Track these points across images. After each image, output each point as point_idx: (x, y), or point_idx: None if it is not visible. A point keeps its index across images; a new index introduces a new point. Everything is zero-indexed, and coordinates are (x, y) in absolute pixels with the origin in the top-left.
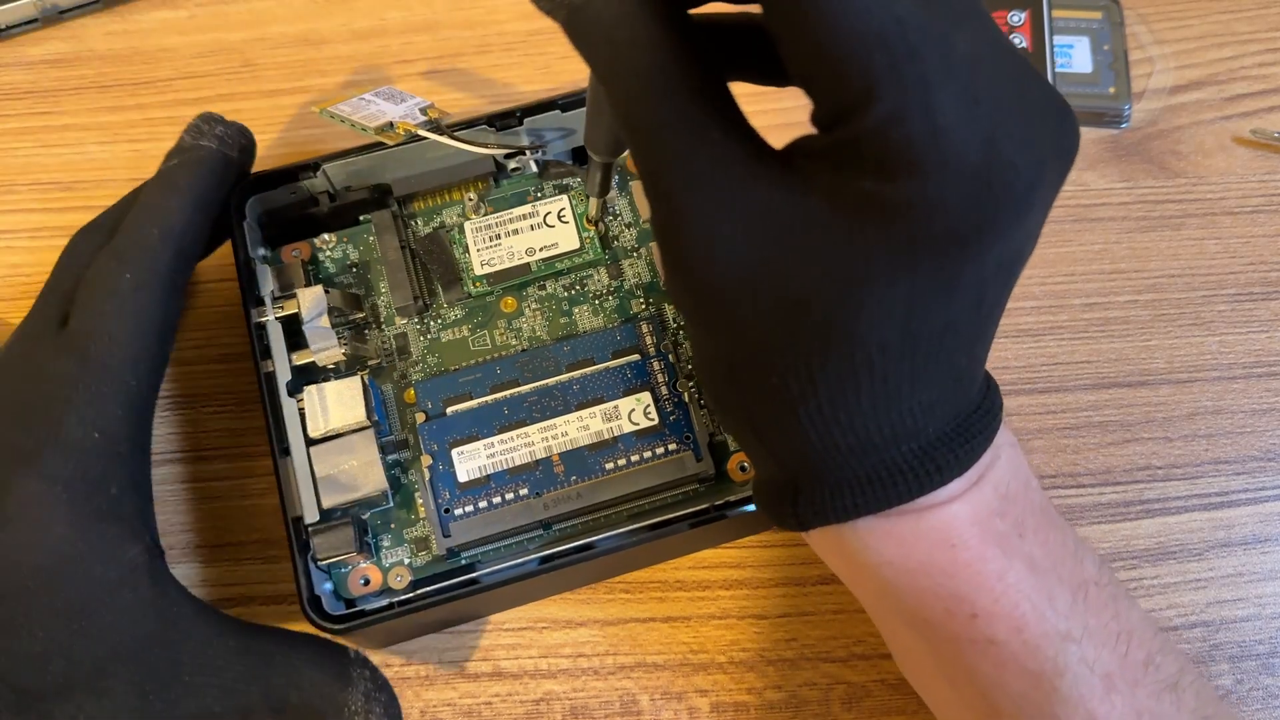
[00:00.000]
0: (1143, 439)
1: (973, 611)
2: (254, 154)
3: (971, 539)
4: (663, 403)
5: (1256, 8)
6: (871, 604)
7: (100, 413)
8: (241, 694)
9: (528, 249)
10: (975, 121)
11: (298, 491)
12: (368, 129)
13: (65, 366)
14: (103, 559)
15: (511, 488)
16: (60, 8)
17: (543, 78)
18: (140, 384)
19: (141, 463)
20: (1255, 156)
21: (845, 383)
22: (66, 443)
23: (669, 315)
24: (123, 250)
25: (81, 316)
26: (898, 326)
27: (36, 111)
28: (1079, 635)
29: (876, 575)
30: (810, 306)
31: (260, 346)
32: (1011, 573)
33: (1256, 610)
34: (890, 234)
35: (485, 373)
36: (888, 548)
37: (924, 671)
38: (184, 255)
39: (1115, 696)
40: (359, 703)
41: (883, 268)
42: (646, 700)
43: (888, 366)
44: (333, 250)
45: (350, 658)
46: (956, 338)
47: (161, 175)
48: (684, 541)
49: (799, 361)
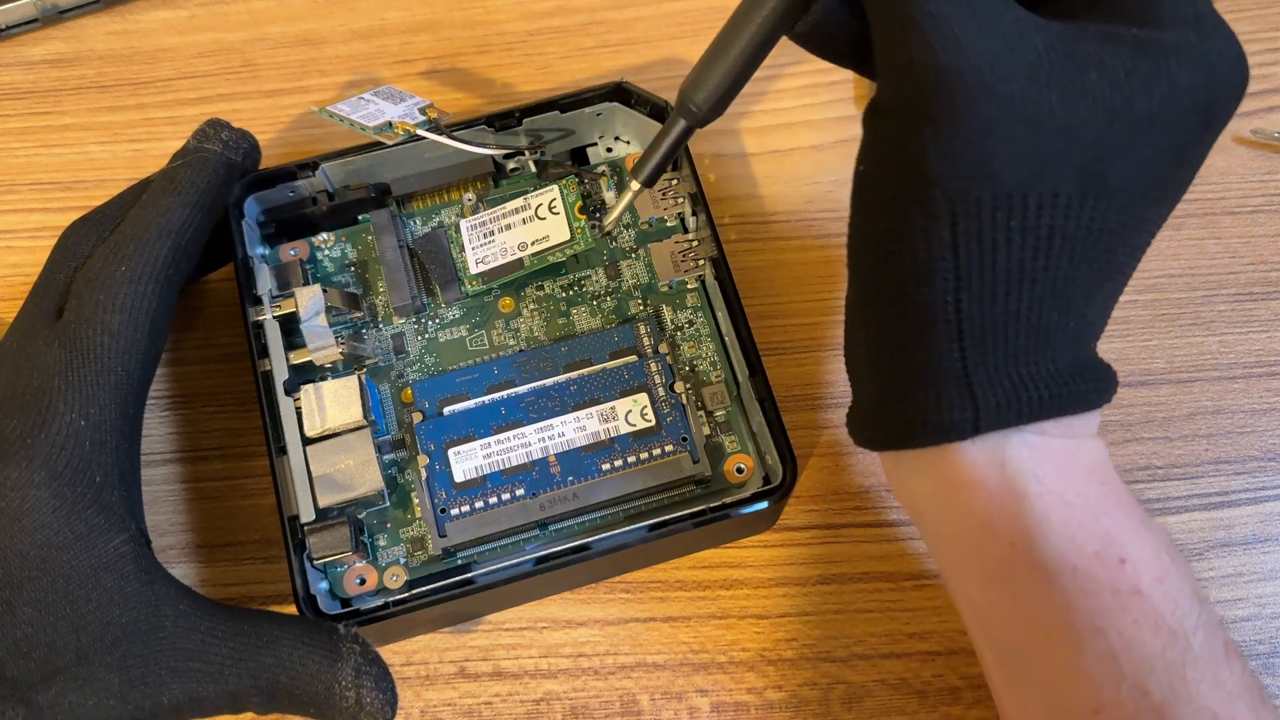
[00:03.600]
0: (1143, 439)
1: (1122, 556)
2: (258, 159)
3: (1115, 479)
4: (659, 404)
5: (1257, 8)
6: (978, 547)
7: (88, 402)
8: (230, 678)
9: (520, 244)
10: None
11: (294, 490)
12: (366, 128)
13: (57, 356)
14: (86, 546)
15: (508, 488)
16: (60, 8)
17: (543, 78)
18: (130, 375)
19: (129, 453)
20: (1255, 156)
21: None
22: (54, 431)
23: (666, 317)
24: (119, 245)
25: (75, 308)
26: (1137, 186)
27: (36, 111)
28: (1202, 596)
29: (1029, 507)
30: (1077, 134)
31: (258, 345)
32: (1152, 523)
33: (1256, 610)
34: (1159, 82)
35: (482, 373)
36: (1046, 470)
37: (1034, 633)
38: (181, 252)
39: (1234, 663)
40: (349, 677)
41: (1146, 113)
42: (646, 700)
43: (1113, 236)
44: (331, 249)
45: (340, 633)
46: (1145, 241)
47: (163, 175)
48: (684, 542)
49: (1046, 189)
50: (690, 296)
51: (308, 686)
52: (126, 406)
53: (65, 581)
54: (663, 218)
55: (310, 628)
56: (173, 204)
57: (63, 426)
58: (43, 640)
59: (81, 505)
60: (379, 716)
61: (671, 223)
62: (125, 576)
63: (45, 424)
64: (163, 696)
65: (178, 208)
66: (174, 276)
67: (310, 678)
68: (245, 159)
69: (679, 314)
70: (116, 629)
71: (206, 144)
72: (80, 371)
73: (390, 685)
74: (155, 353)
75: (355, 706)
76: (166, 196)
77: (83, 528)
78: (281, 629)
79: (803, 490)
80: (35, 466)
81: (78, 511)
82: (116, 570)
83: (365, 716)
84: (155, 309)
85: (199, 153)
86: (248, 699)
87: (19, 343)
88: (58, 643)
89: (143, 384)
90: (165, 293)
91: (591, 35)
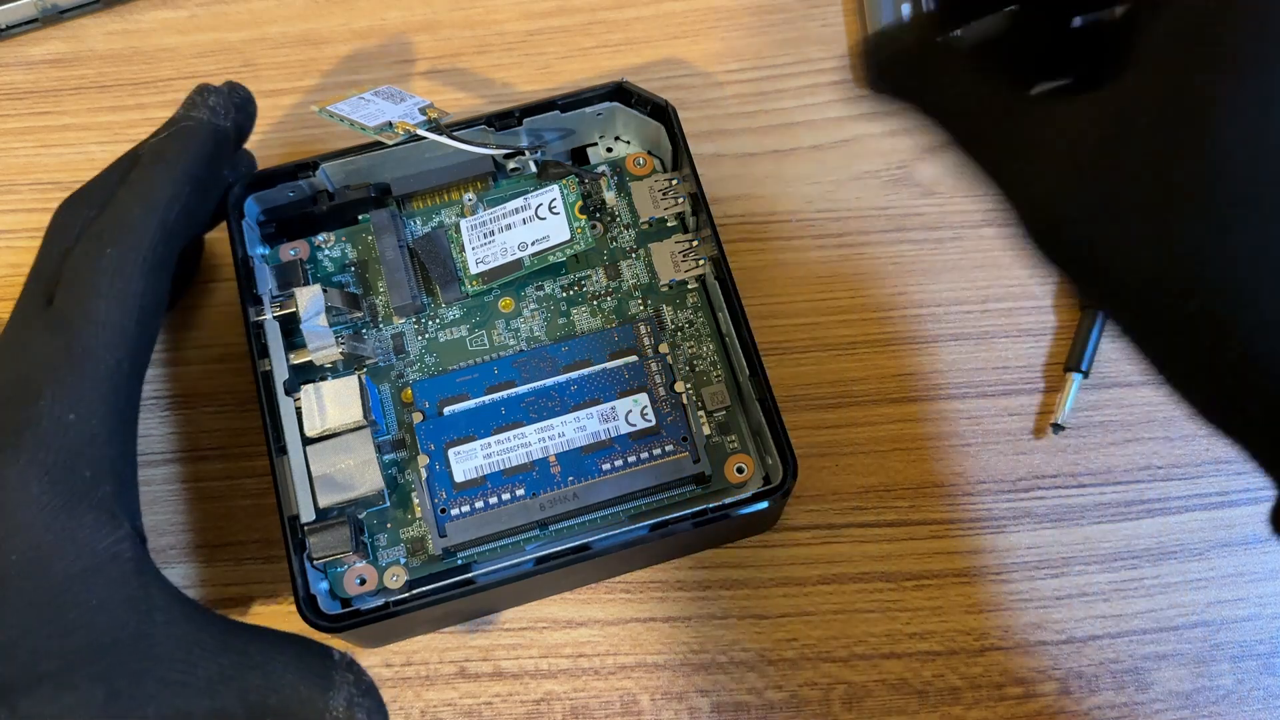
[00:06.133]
0: (1143, 439)
1: None
2: (252, 113)
3: None
4: (659, 404)
5: None
6: None
7: (77, 394)
8: (217, 694)
9: (520, 244)
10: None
11: (294, 490)
12: (367, 128)
13: (46, 346)
14: (77, 547)
15: (508, 488)
16: (60, 8)
17: (543, 78)
18: (121, 364)
19: (123, 446)
20: None
21: None
22: (42, 426)
23: (666, 317)
24: (105, 227)
25: (64, 295)
26: None
27: (36, 111)
28: None
29: None
30: None
31: (258, 345)
32: None
33: (1257, 610)
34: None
35: (483, 373)
36: None
37: None
38: (170, 231)
39: None
40: (341, 708)
41: None
42: (647, 700)
43: None
44: (331, 249)
45: (334, 660)
46: None
47: (149, 149)
48: (684, 542)
49: None
50: (690, 296)
51: (297, 713)
52: (118, 398)
53: (53, 583)
54: (663, 218)
55: (303, 650)
56: (158, 179)
57: (51, 420)
58: (28, 645)
59: (71, 502)
60: None
61: (671, 223)
62: (116, 580)
63: (32, 418)
64: (148, 709)
65: (164, 184)
66: (165, 257)
67: (300, 704)
68: (236, 122)
69: (679, 314)
70: (105, 635)
71: (193, 112)
72: (69, 362)
73: (384, 717)
74: (148, 339)
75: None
76: (152, 174)
77: (73, 526)
78: (276, 649)
79: (803, 490)
80: (24, 462)
81: (67, 509)
82: (107, 573)
83: None
84: (144, 293)
85: (184, 122)
86: (233, 717)
87: (14, 331)
88: (43, 648)
89: (135, 373)
90: (156, 275)
91: (591, 35)
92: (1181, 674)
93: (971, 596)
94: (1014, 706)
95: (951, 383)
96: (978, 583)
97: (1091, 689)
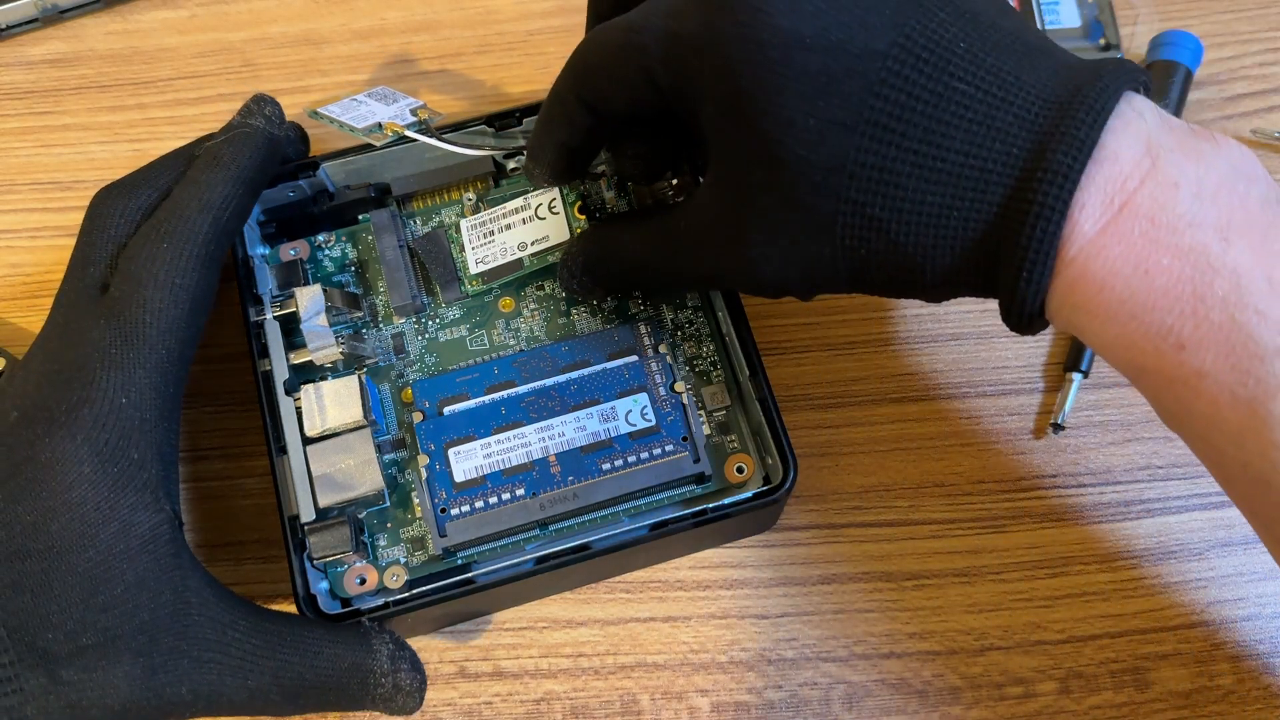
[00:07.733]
0: (1143, 439)
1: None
2: (306, 138)
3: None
4: (659, 404)
5: (1257, 8)
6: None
7: (130, 379)
8: (251, 673)
9: (520, 244)
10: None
11: (294, 490)
12: (355, 130)
13: (102, 332)
14: (124, 525)
15: (508, 488)
16: (60, 8)
17: (543, 78)
18: (172, 353)
19: (168, 433)
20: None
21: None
22: (98, 406)
23: (666, 317)
24: (162, 221)
25: (119, 284)
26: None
27: (36, 111)
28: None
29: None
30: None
31: (258, 345)
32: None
33: (1257, 610)
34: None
35: (483, 373)
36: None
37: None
38: (222, 228)
39: None
40: (384, 665)
41: None
42: (647, 700)
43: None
44: (331, 249)
45: (365, 626)
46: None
47: (207, 151)
48: (684, 541)
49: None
50: (690, 296)
51: (339, 680)
52: (167, 385)
53: (102, 559)
54: None
55: (333, 626)
56: (215, 180)
57: (106, 402)
58: (72, 616)
59: (122, 482)
60: (417, 696)
61: None
62: (158, 559)
63: (89, 399)
64: (183, 686)
65: (219, 184)
66: (215, 253)
67: (343, 673)
68: (288, 139)
69: (679, 314)
70: (144, 613)
71: (250, 119)
72: (123, 348)
73: (421, 667)
74: (196, 330)
75: (392, 690)
76: (209, 172)
77: (122, 505)
78: (306, 628)
79: (803, 490)
80: (80, 440)
81: (118, 489)
82: (150, 552)
83: (403, 697)
84: (196, 286)
85: (241, 128)
86: (267, 697)
87: (65, 316)
88: (88, 620)
89: (183, 362)
90: (207, 270)
91: None
92: (1181, 674)
93: (971, 596)
94: (1014, 706)
95: (951, 383)
96: (977, 582)
97: (1091, 689)
